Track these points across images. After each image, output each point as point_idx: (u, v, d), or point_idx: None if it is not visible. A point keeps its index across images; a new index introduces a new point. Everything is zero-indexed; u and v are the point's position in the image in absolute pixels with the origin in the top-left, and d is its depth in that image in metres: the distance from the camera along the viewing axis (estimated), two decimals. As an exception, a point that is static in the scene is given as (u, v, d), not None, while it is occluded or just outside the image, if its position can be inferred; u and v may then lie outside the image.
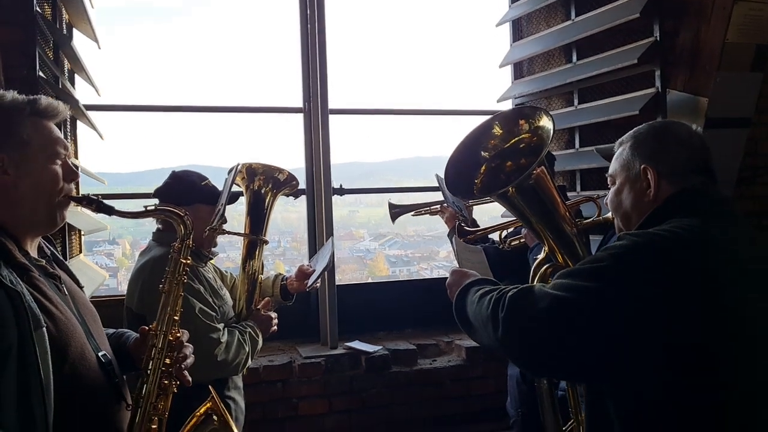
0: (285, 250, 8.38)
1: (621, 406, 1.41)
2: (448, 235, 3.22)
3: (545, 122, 1.67)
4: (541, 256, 1.79)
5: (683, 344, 1.31)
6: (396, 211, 3.41)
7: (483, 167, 1.73)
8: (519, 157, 1.70)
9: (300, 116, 3.58)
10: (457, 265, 1.88)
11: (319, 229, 3.49)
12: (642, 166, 1.56)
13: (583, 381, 1.63)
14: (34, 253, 1.54)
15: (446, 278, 1.81)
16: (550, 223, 1.71)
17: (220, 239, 2.49)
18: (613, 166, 1.66)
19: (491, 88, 4.14)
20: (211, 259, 2.49)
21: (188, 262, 1.70)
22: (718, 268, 1.38)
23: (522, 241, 2.70)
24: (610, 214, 1.75)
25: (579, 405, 1.89)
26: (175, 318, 1.65)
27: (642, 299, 1.31)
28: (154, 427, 1.58)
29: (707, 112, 2.95)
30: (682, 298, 1.32)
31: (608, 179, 1.68)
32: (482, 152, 1.74)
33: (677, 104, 3.10)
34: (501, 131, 1.74)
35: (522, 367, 1.44)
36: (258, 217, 2.51)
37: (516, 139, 1.72)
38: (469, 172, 1.73)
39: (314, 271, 2.67)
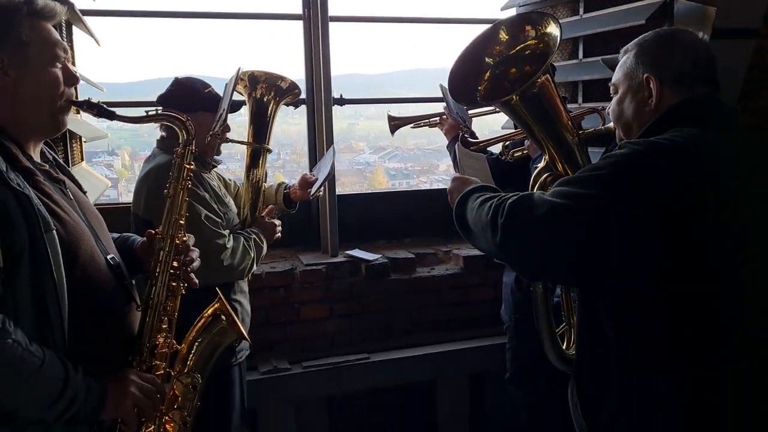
0: (285, 162, 8.39)
1: (613, 310, 1.46)
2: (447, 147, 3.22)
3: (552, 29, 1.64)
4: (541, 165, 1.80)
5: (679, 251, 1.34)
6: (395, 123, 3.38)
7: (487, 74, 1.71)
8: (523, 64, 1.67)
9: (299, 23, 3.50)
10: (458, 173, 1.89)
11: (320, 139, 3.48)
12: (645, 75, 1.54)
13: (577, 285, 1.67)
14: (37, 158, 1.54)
15: (446, 189, 1.83)
16: (552, 132, 1.71)
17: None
18: (617, 74, 1.63)
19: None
20: (215, 166, 2.51)
21: (191, 167, 1.71)
22: (718, 177, 1.39)
23: (525, 152, 2.70)
24: (611, 124, 1.75)
25: (572, 310, 1.95)
26: (181, 222, 1.68)
27: (640, 207, 1.33)
28: (164, 327, 1.64)
29: (714, 21, 2.88)
30: (681, 206, 1.34)
31: (611, 88, 1.66)
32: (486, 58, 1.71)
33: (684, 14, 3.03)
34: (506, 37, 1.70)
35: (519, 271, 1.49)
36: (261, 125, 2.51)
37: (521, 45, 1.69)
38: (473, 79, 1.71)
39: (317, 179, 2.69)
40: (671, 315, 1.39)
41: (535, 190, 1.74)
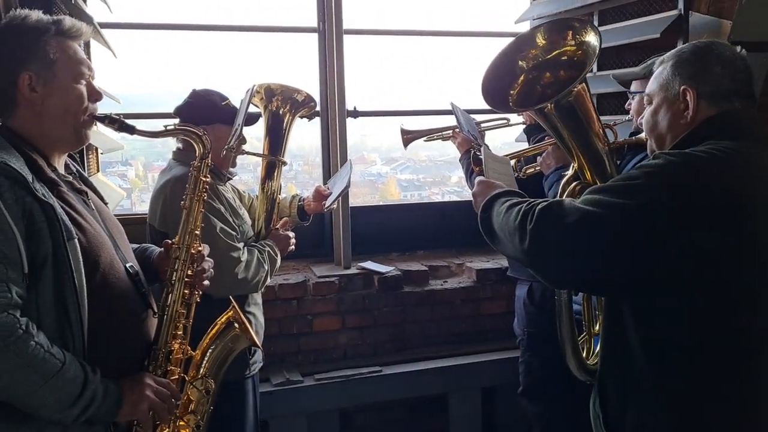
0: (296, 173, 8.40)
1: (639, 321, 1.44)
2: (459, 160, 3.23)
3: (592, 38, 1.63)
4: (569, 173, 1.79)
5: (711, 264, 1.33)
6: (408, 137, 3.39)
7: (521, 78, 1.69)
8: (558, 69, 1.67)
9: (314, 36, 3.53)
10: (470, 185, 1.88)
11: (333, 152, 3.50)
12: (682, 88, 1.51)
13: (604, 294, 1.66)
14: (61, 170, 1.61)
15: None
16: (583, 141, 1.70)
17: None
18: (651, 85, 1.61)
19: (509, 9, 4.04)
20: (231, 179, 2.53)
21: (207, 180, 1.77)
22: (753, 191, 1.38)
23: (537, 168, 2.69)
24: (643, 135, 1.73)
25: (592, 319, 1.94)
26: (197, 233, 1.73)
27: (674, 218, 1.31)
28: (179, 333, 1.69)
29: (730, 35, 2.88)
30: (714, 219, 1.32)
31: (644, 99, 1.64)
32: (520, 62, 1.70)
33: (699, 27, 3.03)
34: (544, 42, 1.69)
35: (545, 278, 1.47)
36: (276, 137, 2.52)
37: (558, 51, 1.68)
38: (506, 83, 1.71)
39: (331, 192, 2.70)
40: (699, 328, 1.38)
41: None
